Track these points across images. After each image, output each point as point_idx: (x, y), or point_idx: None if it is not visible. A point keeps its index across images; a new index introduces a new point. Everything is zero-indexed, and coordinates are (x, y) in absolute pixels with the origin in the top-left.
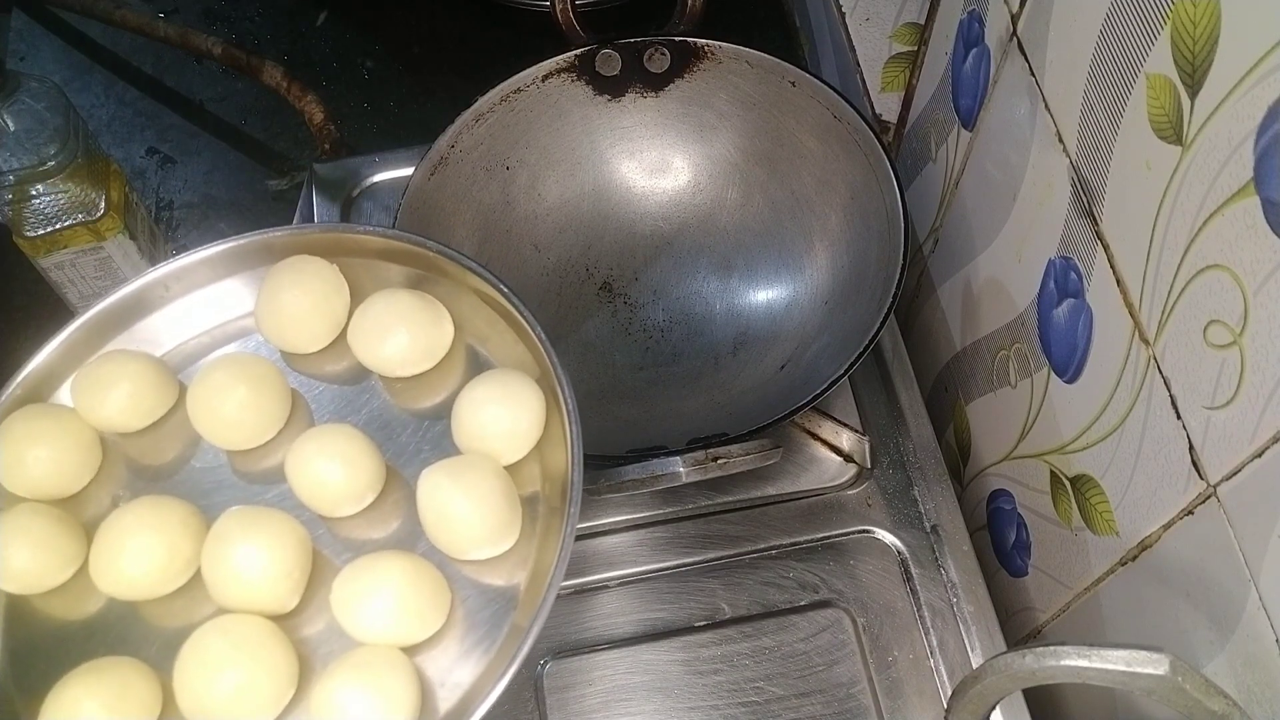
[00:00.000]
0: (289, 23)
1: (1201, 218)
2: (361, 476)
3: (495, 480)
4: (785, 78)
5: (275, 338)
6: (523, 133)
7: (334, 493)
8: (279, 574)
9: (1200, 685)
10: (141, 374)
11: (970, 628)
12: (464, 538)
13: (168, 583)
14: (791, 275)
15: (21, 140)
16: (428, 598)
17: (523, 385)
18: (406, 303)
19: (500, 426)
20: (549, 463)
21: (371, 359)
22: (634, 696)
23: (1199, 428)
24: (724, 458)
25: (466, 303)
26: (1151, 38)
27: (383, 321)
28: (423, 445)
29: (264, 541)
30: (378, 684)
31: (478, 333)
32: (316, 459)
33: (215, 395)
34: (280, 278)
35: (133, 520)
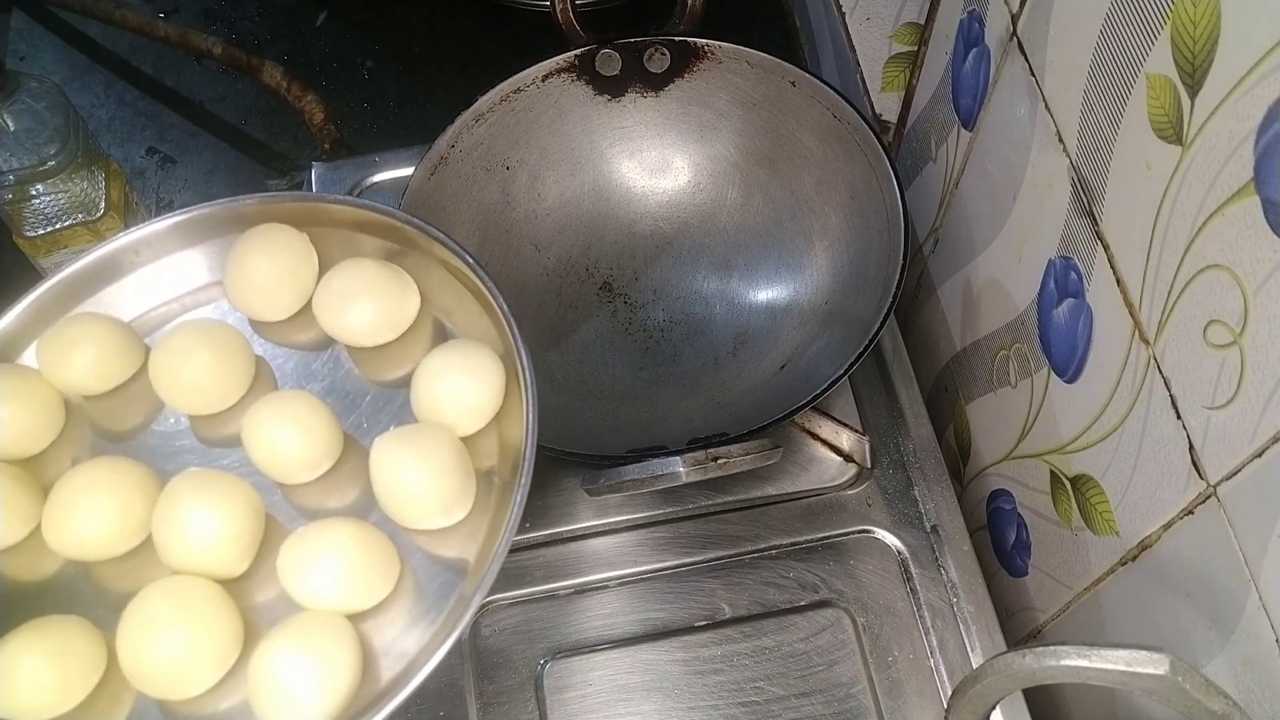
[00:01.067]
0: (289, 23)
1: (1201, 218)
2: (318, 444)
3: (448, 451)
4: (785, 78)
5: (242, 305)
6: (523, 133)
7: (289, 459)
8: (228, 537)
9: (1200, 685)
10: (107, 337)
11: (970, 628)
12: (415, 507)
13: (120, 543)
14: (791, 275)
15: (21, 140)
16: (375, 565)
17: (483, 357)
18: (372, 273)
19: (457, 397)
20: (507, 436)
21: (335, 328)
22: (634, 696)
23: (1199, 428)
24: (724, 458)
25: (435, 275)
26: (1151, 38)
27: (347, 291)
28: (383, 415)
29: (215, 504)
30: (318, 650)
31: (444, 305)
32: (272, 424)
33: (177, 360)
34: (248, 245)
35: (86, 480)
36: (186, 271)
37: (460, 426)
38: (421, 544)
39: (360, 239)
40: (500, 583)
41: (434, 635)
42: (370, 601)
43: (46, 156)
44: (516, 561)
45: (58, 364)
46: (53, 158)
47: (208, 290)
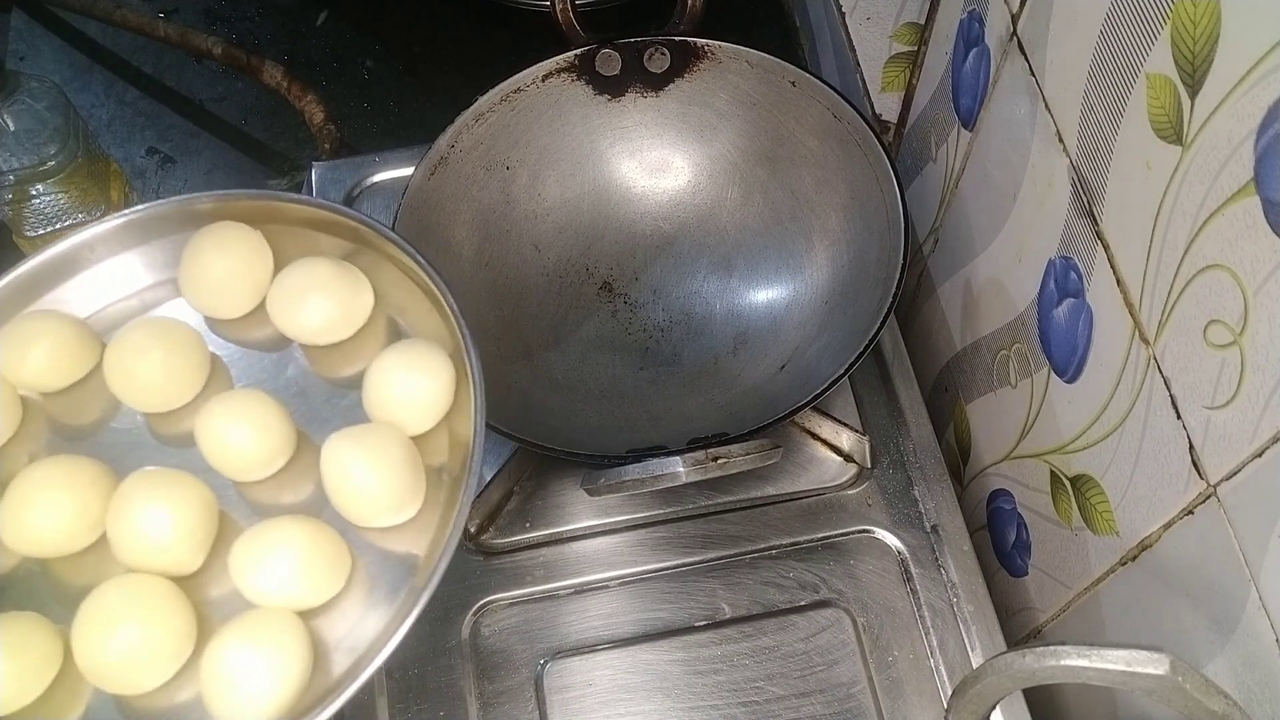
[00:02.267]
0: (289, 23)
1: (1201, 217)
2: (270, 442)
3: (398, 449)
4: (785, 77)
5: (197, 302)
6: (523, 132)
7: (243, 457)
8: (182, 535)
9: (1200, 685)
10: (63, 334)
11: (970, 628)
12: (365, 505)
13: (75, 540)
14: (791, 275)
15: (21, 140)
16: (326, 563)
17: (433, 356)
18: (326, 271)
19: (408, 397)
20: (457, 434)
21: (289, 326)
22: (634, 696)
23: (1199, 427)
24: (724, 458)
25: (388, 274)
26: (1151, 38)
27: (301, 289)
28: (336, 413)
29: (168, 503)
30: (269, 645)
31: (398, 304)
32: (226, 423)
33: (131, 358)
34: (203, 242)
35: (41, 477)
36: (142, 268)
37: (410, 425)
38: (373, 540)
39: (316, 237)
40: (500, 583)
41: (384, 628)
42: (321, 598)
43: (46, 156)
44: (516, 561)
45: (13, 360)
46: (53, 158)
47: (164, 287)
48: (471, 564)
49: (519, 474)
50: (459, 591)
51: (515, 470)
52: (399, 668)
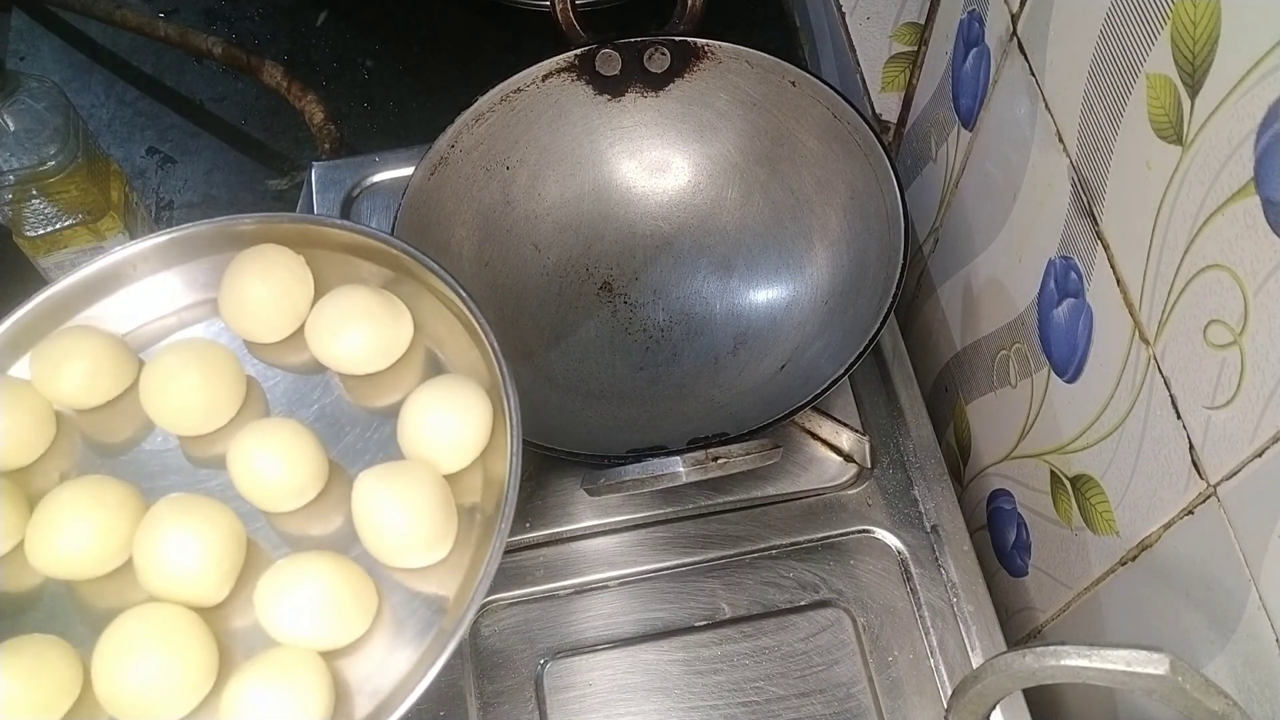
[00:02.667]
0: (289, 23)
1: (1201, 217)
2: (302, 473)
3: (431, 489)
4: (785, 77)
5: (236, 325)
6: (523, 133)
7: (273, 488)
8: (208, 566)
9: (1200, 685)
10: (100, 351)
11: (970, 628)
12: (395, 545)
13: (101, 564)
14: (791, 275)
15: (21, 140)
16: (351, 603)
17: (470, 394)
18: (366, 300)
19: (443, 435)
20: (492, 473)
21: (327, 355)
22: (634, 696)
23: (1199, 427)
24: (724, 458)
25: (428, 304)
26: (1151, 37)
27: (340, 318)
28: (370, 445)
29: (196, 531)
30: (289, 687)
31: (436, 335)
32: (258, 454)
33: (166, 379)
34: (244, 266)
35: (70, 498)
36: (183, 286)
37: (444, 464)
38: (401, 579)
39: (357, 263)
40: (500, 583)
41: (410, 672)
42: (346, 639)
43: (46, 156)
44: (516, 561)
45: (50, 377)
46: (53, 158)
47: (204, 306)
48: None
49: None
50: None
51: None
52: None
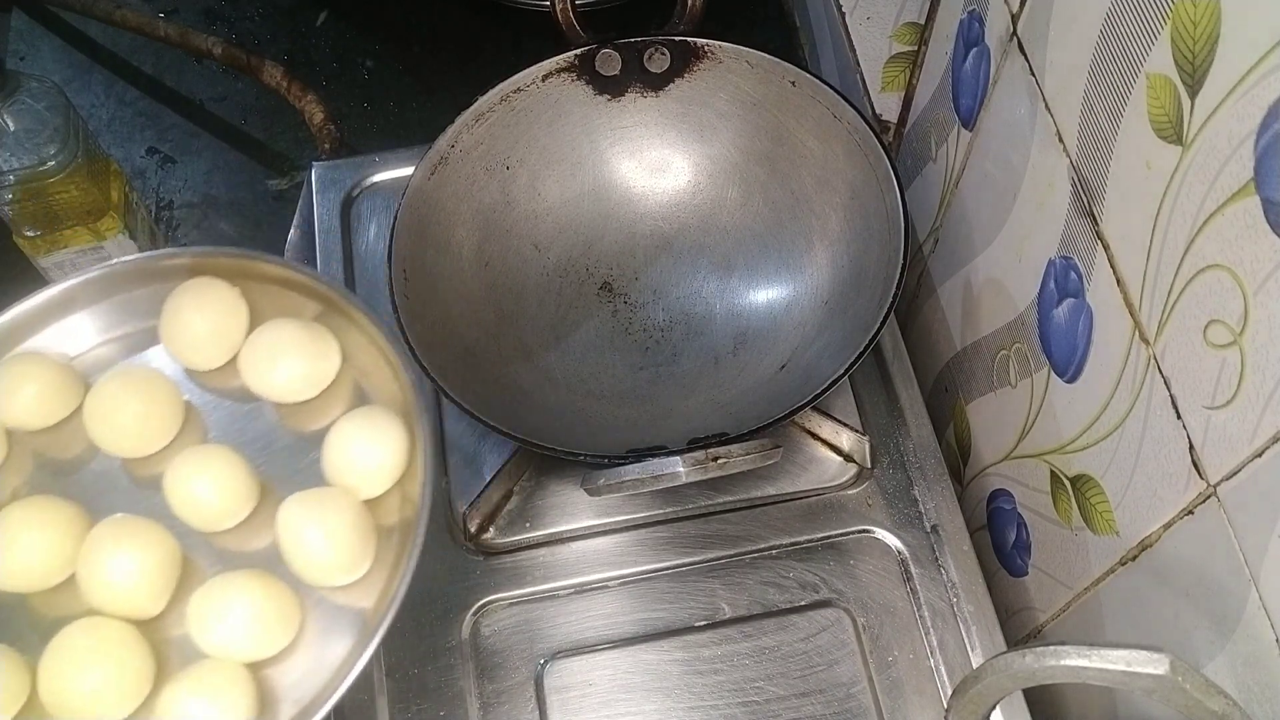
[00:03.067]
0: (289, 23)
1: (1201, 217)
2: (233, 497)
3: (349, 515)
4: (785, 77)
5: (176, 353)
6: (523, 132)
7: (206, 510)
8: (144, 582)
9: (1200, 685)
10: (48, 377)
11: (970, 628)
12: (316, 567)
13: (48, 578)
14: (791, 275)
15: (21, 140)
16: (276, 617)
17: (388, 425)
18: (295, 333)
19: (361, 464)
20: (409, 495)
21: (258, 384)
22: (634, 696)
23: (1199, 427)
24: (724, 458)
25: (355, 337)
26: (1152, 37)
27: (271, 350)
28: (301, 467)
29: (134, 551)
30: (215, 696)
31: (362, 366)
32: (191, 478)
33: (109, 405)
34: (183, 298)
35: (20, 516)
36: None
37: (364, 490)
38: (324, 594)
39: (290, 295)
40: (500, 582)
41: (331, 679)
42: (271, 651)
43: (46, 156)
44: (516, 561)
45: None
46: (53, 158)
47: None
48: (471, 564)
49: (519, 474)
50: (459, 591)
51: (515, 470)
52: (399, 668)
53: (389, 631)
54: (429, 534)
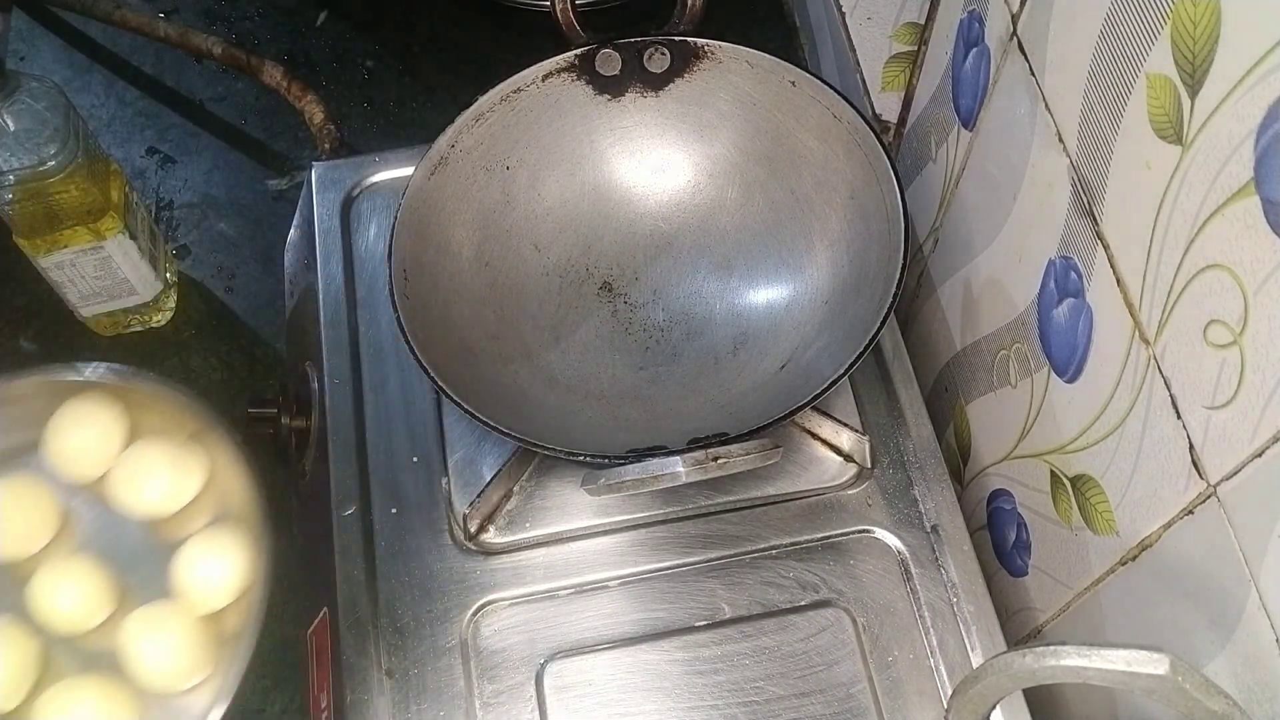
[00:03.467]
0: (289, 23)
1: (1201, 217)
2: (92, 604)
3: (185, 629)
4: (785, 77)
5: (57, 464)
6: (523, 132)
7: (66, 615)
8: (4, 676)
9: (1200, 685)
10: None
11: (970, 628)
12: (154, 675)
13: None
14: (791, 275)
15: (21, 140)
16: None
17: (233, 544)
18: (163, 453)
19: (203, 581)
20: (254, 605)
21: (127, 499)
22: (634, 696)
23: (1199, 427)
24: (724, 458)
25: (222, 455)
26: (1152, 37)
27: (139, 468)
28: (158, 575)
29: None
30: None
31: (225, 485)
32: (55, 586)
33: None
34: (67, 412)
35: None
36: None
37: (204, 604)
38: (164, 699)
39: (169, 413)
40: (500, 582)
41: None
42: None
43: (47, 157)
44: (516, 561)
45: None
46: (53, 158)
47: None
48: (471, 564)
49: (519, 474)
50: (459, 591)
51: (515, 470)
52: (399, 668)
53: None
54: (429, 535)
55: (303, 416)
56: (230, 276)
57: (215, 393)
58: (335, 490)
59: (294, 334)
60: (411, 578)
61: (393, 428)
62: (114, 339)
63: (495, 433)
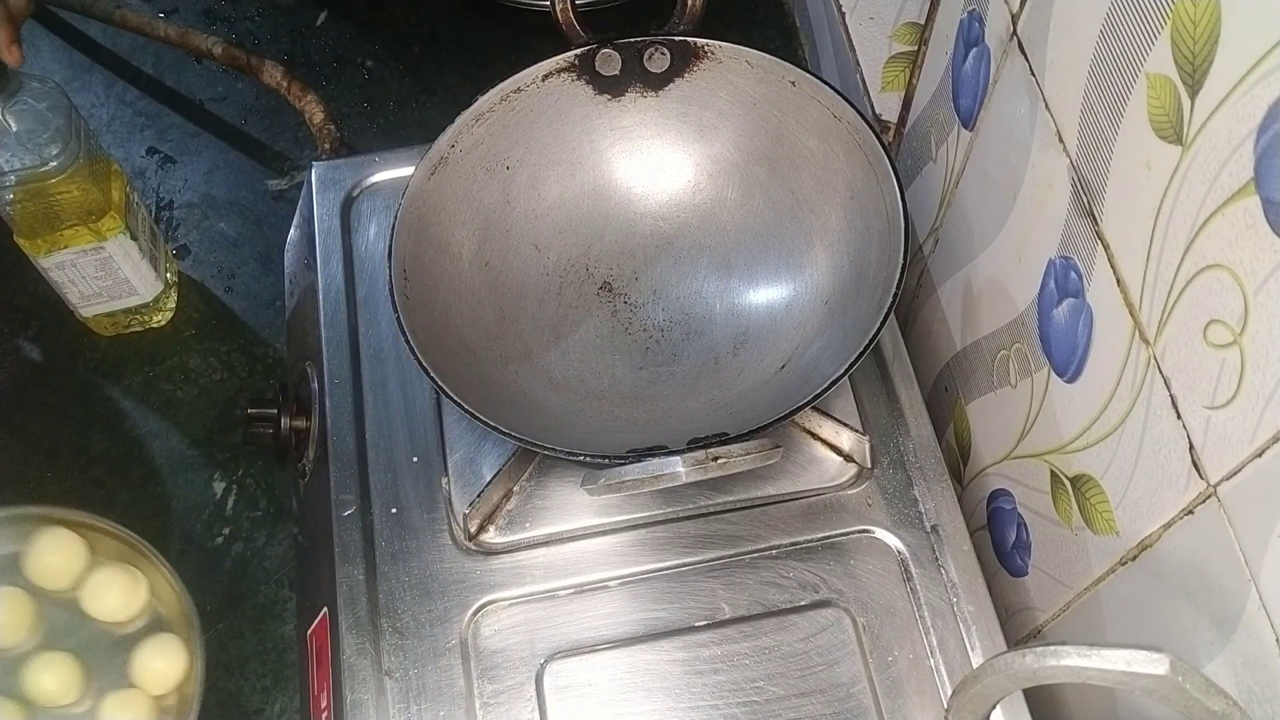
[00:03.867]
0: (289, 22)
1: (1202, 217)
2: (67, 686)
3: (142, 711)
4: (785, 77)
5: (35, 578)
6: (523, 132)
7: (51, 693)
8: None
9: (1200, 685)
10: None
11: (970, 628)
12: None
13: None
14: (791, 275)
15: (23, 140)
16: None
17: (172, 647)
18: (116, 576)
19: (151, 674)
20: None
21: (92, 608)
22: (634, 696)
23: (1199, 427)
24: (724, 458)
25: (156, 575)
26: (1152, 37)
27: (99, 587)
28: (117, 665)
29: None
30: None
31: (163, 598)
32: (40, 673)
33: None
34: (41, 541)
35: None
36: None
37: (155, 690)
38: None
39: (119, 545)
40: (500, 582)
41: None
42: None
43: (49, 157)
44: (516, 561)
45: None
46: (55, 158)
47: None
48: (471, 564)
49: (519, 474)
50: (459, 591)
51: (515, 470)
52: (399, 668)
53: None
54: (429, 535)
55: (303, 416)
56: (230, 276)
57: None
58: (335, 490)
59: (294, 334)
60: (411, 578)
61: (393, 428)
62: (114, 339)
63: (495, 433)
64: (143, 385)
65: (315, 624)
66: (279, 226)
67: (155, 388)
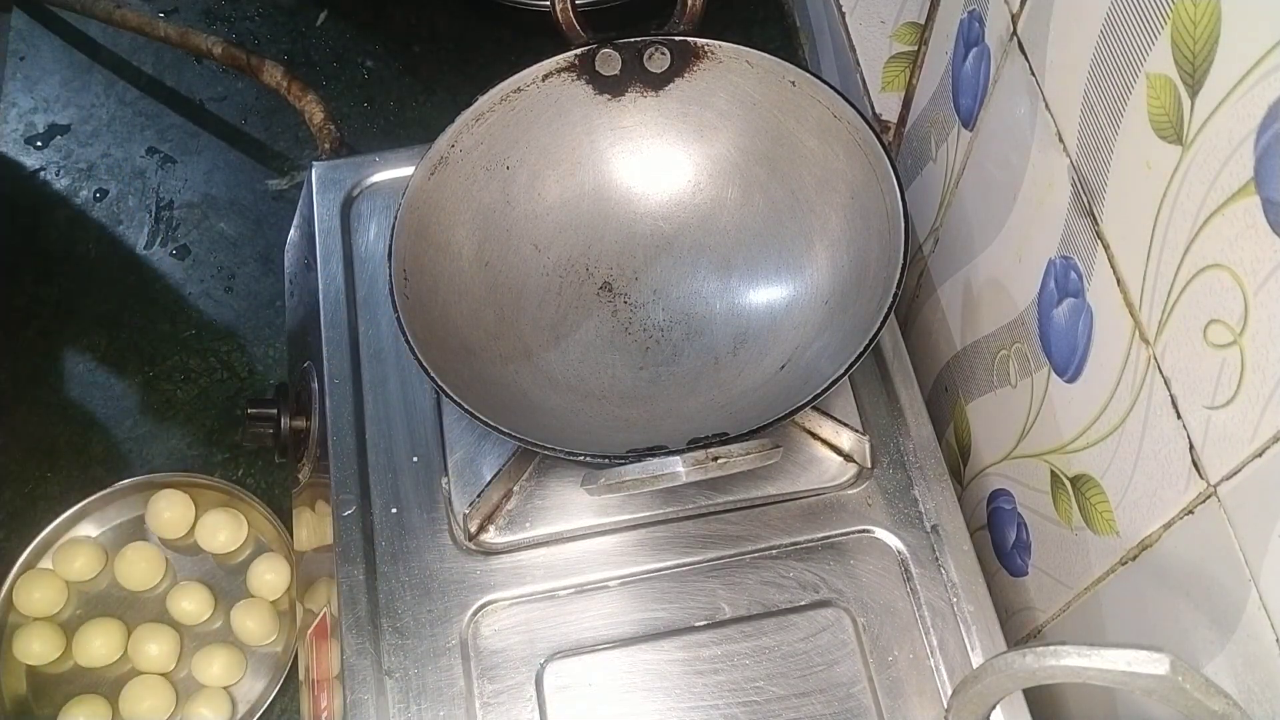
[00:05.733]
0: (289, 22)
1: (1202, 217)
2: (204, 605)
3: (264, 612)
4: (786, 77)
5: (156, 530)
6: (523, 132)
7: (192, 614)
8: (163, 652)
9: (1200, 685)
10: (90, 552)
11: (970, 628)
12: (250, 635)
13: (112, 656)
14: (791, 275)
15: None
16: (234, 663)
17: (278, 563)
18: (222, 518)
19: (265, 585)
20: (292, 595)
21: (205, 544)
22: (634, 696)
23: (1199, 427)
24: (724, 458)
25: (256, 514)
26: (1152, 37)
27: (208, 527)
28: (234, 586)
29: (159, 637)
30: (209, 702)
31: (260, 528)
32: (183, 598)
33: (123, 563)
34: (158, 501)
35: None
36: (126, 509)
37: (270, 596)
38: (255, 649)
39: (216, 494)
40: (500, 582)
41: (264, 689)
42: (232, 680)
43: None
44: (516, 561)
45: (63, 566)
46: None
47: (138, 521)
48: (471, 564)
49: (519, 474)
50: (459, 591)
51: (515, 470)
52: (399, 668)
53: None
54: (429, 534)
55: (303, 416)
56: (230, 276)
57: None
58: (335, 490)
59: (294, 334)
60: (411, 578)
61: (393, 428)
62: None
63: (495, 433)
64: (143, 385)
65: (315, 624)
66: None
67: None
